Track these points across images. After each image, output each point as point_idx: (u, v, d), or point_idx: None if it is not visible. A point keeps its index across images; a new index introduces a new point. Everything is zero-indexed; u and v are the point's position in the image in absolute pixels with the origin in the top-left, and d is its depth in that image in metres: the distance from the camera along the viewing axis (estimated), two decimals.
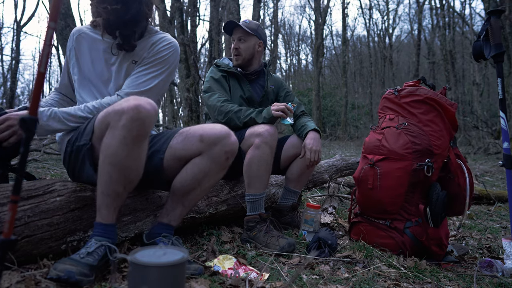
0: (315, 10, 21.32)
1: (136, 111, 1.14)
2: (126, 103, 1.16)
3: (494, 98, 21.47)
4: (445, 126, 1.81)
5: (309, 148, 1.98)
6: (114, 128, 1.17)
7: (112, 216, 1.22)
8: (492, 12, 1.69)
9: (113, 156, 1.17)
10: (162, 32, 1.60)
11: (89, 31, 1.55)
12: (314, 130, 2.07)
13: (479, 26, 21.53)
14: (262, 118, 1.91)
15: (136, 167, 1.23)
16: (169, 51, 1.53)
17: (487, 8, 11.49)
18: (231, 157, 1.41)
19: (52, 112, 1.37)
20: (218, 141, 1.37)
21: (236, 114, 1.95)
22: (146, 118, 1.16)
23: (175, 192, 1.41)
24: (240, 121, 1.94)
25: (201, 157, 1.38)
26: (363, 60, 30.25)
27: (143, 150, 1.23)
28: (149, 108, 1.17)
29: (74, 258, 1.11)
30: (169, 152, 1.41)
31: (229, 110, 1.96)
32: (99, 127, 1.26)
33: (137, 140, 1.17)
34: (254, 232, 1.77)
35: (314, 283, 1.33)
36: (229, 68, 2.13)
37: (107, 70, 1.52)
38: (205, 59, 22.63)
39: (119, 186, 1.20)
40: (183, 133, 1.42)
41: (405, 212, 1.79)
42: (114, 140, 1.16)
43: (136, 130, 1.15)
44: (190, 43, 9.43)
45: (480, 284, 1.51)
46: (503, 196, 3.61)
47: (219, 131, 1.38)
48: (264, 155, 1.79)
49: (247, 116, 1.93)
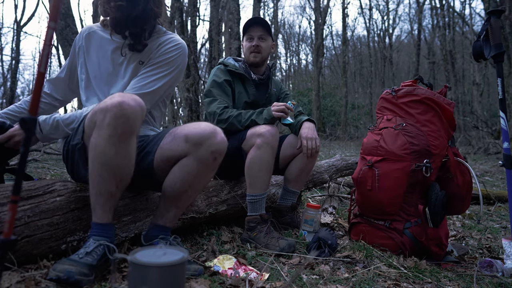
0: (315, 10, 21.32)
1: (120, 108, 1.12)
2: (110, 100, 1.15)
3: (494, 98, 21.47)
4: (443, 126, 1.81)
5: (304, 137, 1.98)
6: (99, 127, 1.15)
7: (107, 215, 1.21)
8: (492, 12, 1.69)
9: (102, 155, 1.16)
10: (171, 32, 1.57)
11: (99, 30, 1.54)
12: (308, 120, 2.08)
13: (479, 26, 21.54)
14: (262, 119, 1.90)
15: (126, 165, 1.20)
16: (176, 52, 1.51)
17: (487, 8, 11.49)
18: (219, 157, 1.34)
19: (54, 120, 1.38)
20: (203, 141, 1.29)
21: (237, 118, 1.95)
22: (130, 115, 1.13)
23: (167, 195, 1.37)
24: (241, 125, 1.94)
25: (187, 159, 1.32)
26: (363, 60, 30.25)
27: (132, 147, 1.21)
28: (133, 104, 1.14)
29: (73, 258, 1.11)
30: (159, 152, 1.37)
31: (229, 115, 1.95)
32: (88, 125, 1.26)
33: (123, 138, 1.15)
34: (254, 232, 1.77)
35: (314, 283, 1.33)
36: (237, 69, 2.11)
37: (113, 70, 1.51)
38: (205, 59, 22.63)
39: (111, 185, 1.19)
40: (172, 133, 1.38)
41: (404, 212, 1.79)
42: (100, 139, 1.15)
43: (121, 128, 1.13)
44: (190, 43, 9.43)
45: (480, 284, 1.52)
46: (503, 196, 3.61)
47: (203, 130, 1.30)
48: (266, 156, 1.79)
49: (248, 119, 1.93)
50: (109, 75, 1.50)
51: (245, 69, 2.15)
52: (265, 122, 1.89)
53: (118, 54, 1.50)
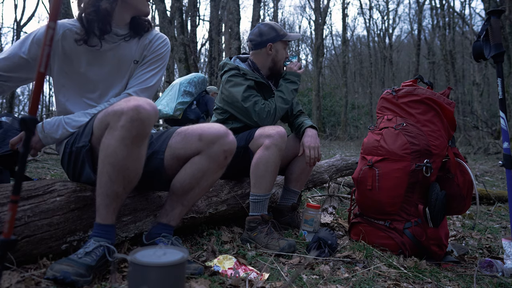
0: (315, 10, 21.33)
1: (136, 112, 1.14)
2: (125, 103, 1.16)
3: (494, 98, 21.47)
4: (443, 126, 1.81)
5: (307, 146, 1.99)
6: (113, 128, 1.16)
7: (111, 216, 1.22)
8: (492, 12, 1.69)
9: (113, 156, 1.17)
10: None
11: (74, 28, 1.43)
12: (311, 127, 2.08)
13: (479, 26, 21.54)
14: (296, 81, 2.09)
15: (136, 167, 1.22)
16: (166, 47, 1.59)
17: (487, 8, 11.49)
18: (229, 156, 1.42)
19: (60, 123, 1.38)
20: (216, 140, 1.37)
21: (278, 101, 2.01)
22: (145, 119, 1.15)
23: (175, 192, 1.41)
24: (287, 103, 2.03)
25: (200, 156, 1.38)
26: (363, 60, 30.26)
27: (143, 150, 1.23)
28: (149, 108, 1.16)
29: (72, 258, 1.12)
30: (168, 152, 1.41)
31: (274, 104, 2.00)
32: (99, 127, 1.26)
33: (136, 141, 1.17)
34: (255, 233, 1.77)
35: (314, 283, 1.33)
36: (257, 78, 2.03)
37: (108, 72, 1.49)
38: (205, 59, 22.62)
39: (118, 187, 1.20)
40: (181, 132, 1.43)
41: (404, 212, 1.79)
42: (113, 141, 1.16)
43: (136, 131, 1.15)
44: (190, 43, 9.43)
45: (480, 284, 1.51)
46: (503, 196, 3.61)
47: (218, 130, 1.39)
48: (273, 157, 1.79)
49: (286, 93, 2.04)
50: (103, 77, 1.48)
51: (262, 77, 2.09)
52: (299, 82, 2.09)
53: (103, 53, 1.46)
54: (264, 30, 2.08)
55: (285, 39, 2.10)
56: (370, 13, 33.66)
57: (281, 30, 2.10)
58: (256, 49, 2.10)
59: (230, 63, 2.08)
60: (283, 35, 2.09)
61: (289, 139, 2.13)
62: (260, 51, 2.09)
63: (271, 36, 2.07)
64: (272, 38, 2.07)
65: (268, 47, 2.07)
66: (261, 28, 2.10)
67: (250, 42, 2.13)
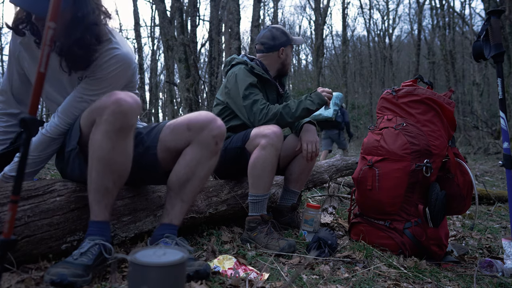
0: (315, 10, 21.32)
1: (117, 104, 1.17)
2: (107, 98, 1.20)
3: (494, 98, 21.46)
4: (443, 126, 1.81)
5: (305, 140, 2.00)
6: (98, 123, 1.20)
7: (103, 212, 1.22)
8: (492, 12, 1.69)
9: (99, 150, 1.20)
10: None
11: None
12: (309, 122, 2.08)
13: (479, 26, 21.52)
14: (315, 104, 1.91)
15: (123, 161, 1.24)
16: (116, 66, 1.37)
17: (487, 8, 11.48)
18: (220, 141, 1.42)
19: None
20: (205, 127, 1.38)
21: (285, 110, 1.91)
22: (128, 111, 1.19)
23: (172, 187, 1.42)
24: (292, 117, 1.91)
25: (191, 146, 1.40)
26: (363, 60, 30.24)
27: (129, 143, 1.25)
28: (130, 100, 1.20)
29: (68, 260, 1.12)
30: (160, 145, 1.43)
31: (276, 110, 1.91)
32: (86, 124, 1.28)
33: (120, 133, 1.20)
34: (255, 233, 1.77)
35: (314, 283, 1.33)
36: (263, 74, 2.05)
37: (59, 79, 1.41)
38: (205, 59, 22.62)
39: (108, 181, 1.22)
40: (170, 125, 1.45)
41: (404, 212, 1.79)
42: (99, 135, 1.19)
43: (120, 123, 1.18)
44: (190, 43, 9.43)
45: (480, 284, 1.52)
46: (503, 196, 3.61)
47: (205, 117, 1.40)
48: (270, 156, 1.79)
49: (298, 108, 1.91)
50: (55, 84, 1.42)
51: (268, 75, 2.11)
52: (317, 107, 1.92)
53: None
54: (277, 34, 2.12)
55: (293, 43, 2.16)
56: (370, 13, 33.69)
57: (290, 34, 2.16)
58: (268, 52, 2.13)
59: (239, 58, 2.12)
60: (292, 39, 2.16)
61: (289, 138, 2.13)
62: (271, 54, 2.14)
63: (283, 40, 2.13)
64: (284, 42, 2.13)
65: (280, 51, 2.13)
66: (273, 32, 2.13)
67: (262, 45, 2.14)
